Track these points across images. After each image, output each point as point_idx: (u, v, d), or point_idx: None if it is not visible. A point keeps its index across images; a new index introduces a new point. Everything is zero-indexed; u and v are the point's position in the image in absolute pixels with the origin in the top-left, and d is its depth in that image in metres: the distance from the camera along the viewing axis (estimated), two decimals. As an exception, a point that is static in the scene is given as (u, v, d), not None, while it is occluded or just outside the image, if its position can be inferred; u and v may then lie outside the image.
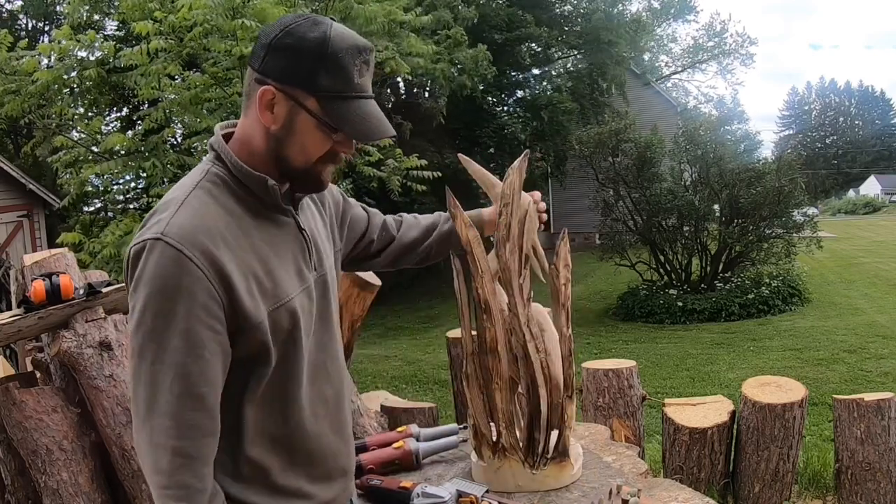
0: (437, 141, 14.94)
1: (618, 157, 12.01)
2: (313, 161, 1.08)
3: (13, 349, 4.65)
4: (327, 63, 1.02)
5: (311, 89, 1.03)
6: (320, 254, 1.20)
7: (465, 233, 1.52)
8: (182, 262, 0.96)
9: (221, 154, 1.09)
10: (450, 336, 3.40)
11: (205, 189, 1.05)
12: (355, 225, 1.43)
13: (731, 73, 35.70)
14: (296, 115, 1.04)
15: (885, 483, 2.89)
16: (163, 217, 1.00)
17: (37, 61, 6.38)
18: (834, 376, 6.84)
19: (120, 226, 6.29)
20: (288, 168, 1.08)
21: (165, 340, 0.96)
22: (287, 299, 1.08)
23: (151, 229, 0.99)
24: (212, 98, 6.56)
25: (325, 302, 1.19)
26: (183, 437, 0.97)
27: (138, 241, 1.00)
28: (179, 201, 1.02)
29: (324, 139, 1.06)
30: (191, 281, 0.96)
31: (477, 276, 1.56)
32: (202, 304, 0.97)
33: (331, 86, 1.03)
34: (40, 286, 2.19)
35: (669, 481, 1.76)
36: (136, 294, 0.98)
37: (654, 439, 3.96)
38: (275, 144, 1.07)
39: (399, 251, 1.52)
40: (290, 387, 1.11)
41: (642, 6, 27.02)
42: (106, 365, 2.18)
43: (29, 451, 2.11)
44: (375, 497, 1.66)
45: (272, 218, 1.11)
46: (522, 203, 1.56)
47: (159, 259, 0.96)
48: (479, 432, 1.66)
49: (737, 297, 10.68)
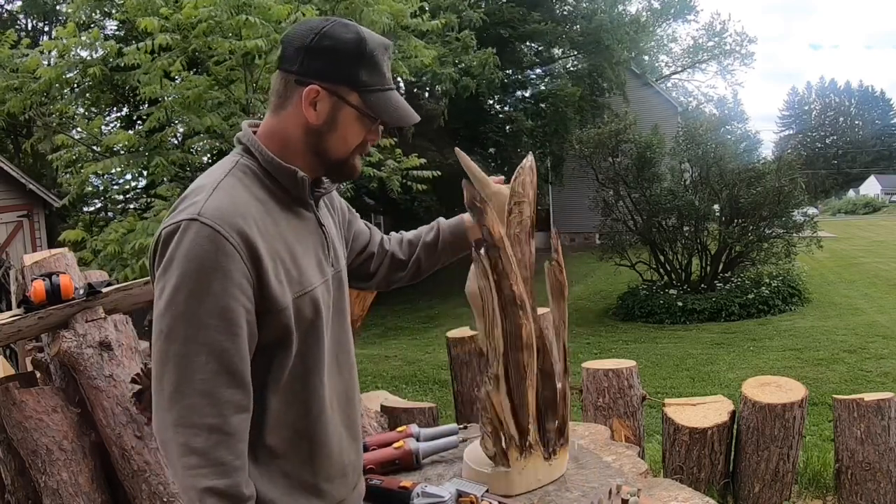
0: (438, 141, 14.95)
1: (618, 157, 12.02)
2: (351, 150, 1.17)
3: (13, 349, 4.65)
4: (365, 61, 1.12)
5: (353, 85, 1.12)
6: (336, 251, 1.25)
7: (496, 230, 1.50)
8: (219, 241, 0.99)
9: (251, 147, 1.14)
10: (450, 336, 3.40)
11: (236, 177, 1.09)
12: (359, 237, 1.48)
13: (731, 73, 35.73)
14: (339, 110, 1.12)
15: (885, 483, 2.89)
16: (197, 199, 1.03)
17: (39, 59, 6.38)
18: (834, 376, 6.84)
19: (123, 224, 6.29)
20: (328, 159, 1.16)
21: (200, 319, 0.97)
22: (311, 288, 1.12)
23: (186, 211, 1.01)
24: (211, 98, 6.56)
25: (340, 296, 1.23)
26: (220, 414, 0.98)
27: (171, 222, 1.01)
28: (214, 185, 1.06)
29: (361, 129, 1.15)
30: (227, 260, 0.99)
31: (510, 272, 1.53)
32: (237, 282, 1.00)
33: (369, 81, 1.12)
34: (40, 286, 2.19)
35: (669, 481, 1.76)
36: (168, 274, 0.99)
37: (654, 439, 3.96)
38: (315, 139, 1.14)
39: (390, 267, 1.54)
40: (312, 378, 1.13)
41: (642, 6, 27.07)
42: (106, 365, 2.18)
43: (29, 451, 2.11)
44: (375, 497, 1.66)
45: (296, 211, 1.16)
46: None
47: (195, 238, 0.98)
48: (508, 436, 1.60)
49: (737, 297, 10.69)
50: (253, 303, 1.02)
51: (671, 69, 33.95)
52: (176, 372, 0.98)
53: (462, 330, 3.44)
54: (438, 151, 13.93)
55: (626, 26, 18.41)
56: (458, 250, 1.59)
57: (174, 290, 0.98)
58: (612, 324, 11.20)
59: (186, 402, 0.97)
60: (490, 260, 1.51)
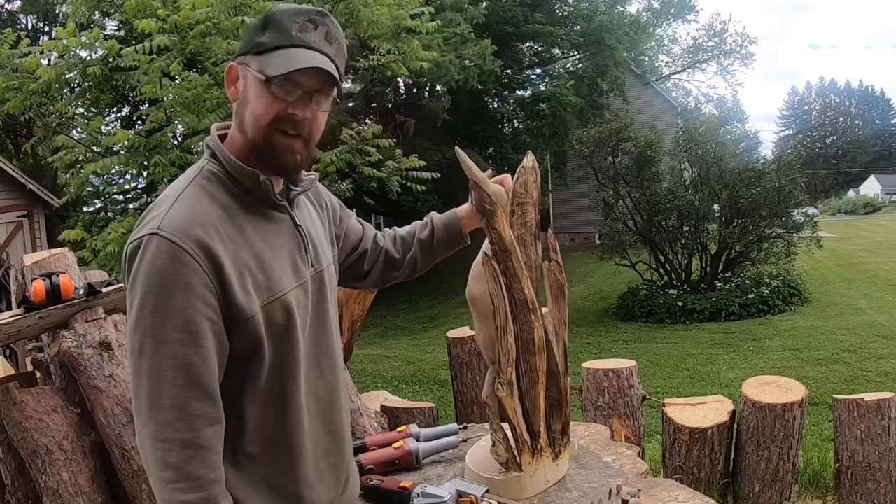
0: (438, 139, 14.97)
1: (618, 156, 12.02)
2: (264, 125, 1.07)
3: (13, 349, 4.65)
4: (266, 25, 1.08)
5: (252, 50, 1.09)
6: (317, 250, 1.21)
7: (507, 233, 1.48)
8: (178, 254, 0.98)
9: (216, 151, 1.11)
10: (450, 336, 3.39)
11: (199, 185, 1.08)
12: (351, 234, 1.44)
13: (730, 73, 35.69)
14: (246, 82, 1.09)
15: (885, 483, 2.89)
16: (158, 213, 1.02)
17: (38, 59, 6.39)
18: (834, 376, 6.84)
19: (123, 223, 6.29)
20: (250, 144, 1.09)
21: (165, 333, 0.97)
22: (281, 293, 1.09)
23: (147, 226, 1.01)
24: (211, 98, 6.56)
25: (321, 298, 1.19)
26: (191, 428, 0.98)
27: (134, 238, 1.01)
28: (174, 197, 1.04)
29: (268, 97, 1.06)
30: (188, 272, 0.98)
31: (521, 276, 1.51)
32: (199, 294, 0.99)
33: (267, 41, 1.07)
34: (40, 286, 2.19)
35: (669, 481, 1.75)
36: (134, 290, 0.99)
37: (654, 439, 3.96)
38: (239, 121, 1.11)
39: (385, 265, 1.51)
40: (288, 384, 1.11)
41: (642, 6, 27.05)
42: (106, 365, 2.18)
43: (29, 451, 2.11)
44: (375, 497, 1.66)
45: (266, 213, 1.12)
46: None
47: (156, 252, 0.98)
48: (521, 440, 1.59)
49: (737, 297, 10.69)
50: (219, 313, 1.01)
51: (671, 69, 33.95)
52: (148, 387, 0.98)
53: (462, 330, 3.44)
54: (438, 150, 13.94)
55: (626, 27, 18.41)
56: (453, 246, 1.55)
57: (140, 306, 0.98)
58: (612, 324, 11.20)
59: (160, 417, 0.97)
60: (500, 264, 1.49)
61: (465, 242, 1.56)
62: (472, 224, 1.54)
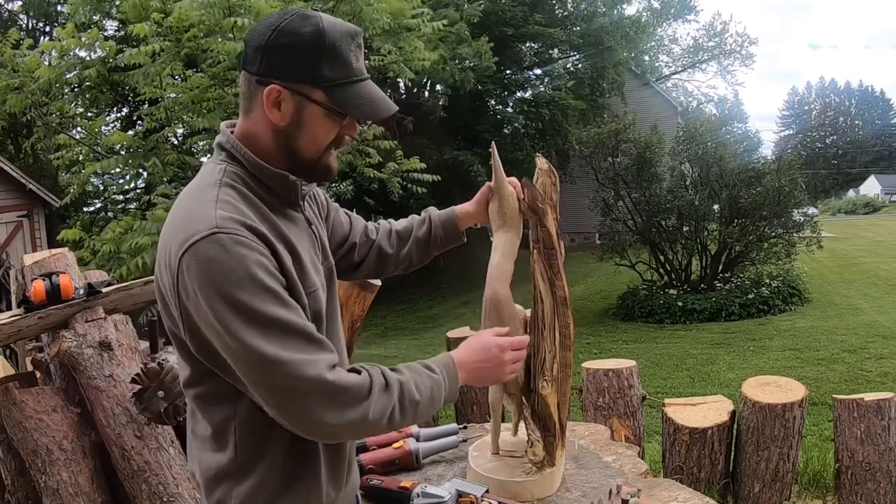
0: (437, 139, 14.97)
1: (618, 157, 12.01)
2: (323, 149, 1.12)
3: (13, 349, 4.65)
4: (327, 54, 1.05)
5: (315, 82, 1.06)
6: (325, 246, 1.24)
7: (554, 232, 1.53)
8: (244, 245, 0.98)
9: (236, 153, 1.10)
10: (450, 336, 3.39)
11: (230, 186, 1.07)
12: (338, 228, 1.45)
13: (730, 73, 35.73)
14: (304, 109, 1.08)
15: (885, 483, 2.89)
16: (207, 217, 1.00)
17: (38, 59, 6.40)
18: (834, 376, 6.84)
19: (121, 224, 6.29)
20: (299, 160, 1.11)
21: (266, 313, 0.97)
22: (313, 289, 1.11)
23: (197, 228, 0.98)
24: (211, 98, 6.57)
25: (332, 293, 1.22)
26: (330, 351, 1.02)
27: (188, 245, 0.97)
28: (214, 200, 1.03)
29: (332, 126, 1.10)
30: (257, 256, 0.99)
31: (562, 273, 1.55)
32: (272, 273, 1.00)
33: (333, 75, 1.06)
34: (40, 286, 2.19)
35: (669, 481, 1.76)
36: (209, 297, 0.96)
37: (654, 439, 3.96)
38: (284, 140, 1.10)
39: (378, 260, 1.52)
40: None
41: (642, 6, 27.06)
42: (106, 365, 2.18)
43: (29, 451, 2.11)
44: (375, 497, 1.66)
45: (287, 214, 1.14)
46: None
47: (217, 250, 0.96)
48: (556, 435, 1.60)
49: (737, 297, 10.69)
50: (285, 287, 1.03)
51: (671, 69, 33.96)
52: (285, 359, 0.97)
53: (462, 330, 3.44)
54: (437, 149, 13.95)
55: (626, 27, 18.41)
56: (450, 244, 1.56)
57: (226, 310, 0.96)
58: (612, 324, 11.20)
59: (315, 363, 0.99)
60: (548, 262, 1.53)
61: (462, 240, 1.57)
62: (469, 222, 1.56)
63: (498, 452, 1.72)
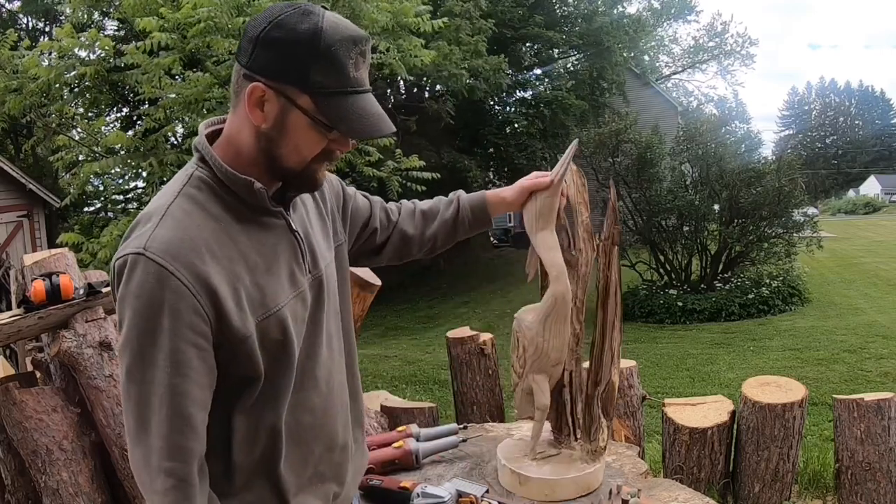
0: (437, 140, 14.94)
1: (618, 157, 12.02)
2: (308, 161, 1.03)
3: (13, 349, 4.65)
4: (320, 57, 0.95)
5: (303, 86, 0.97)
6: (314, 254, 1.15)
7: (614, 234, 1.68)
8: (165, 279, 0.92)
9: (205, 156, 1.03)
10: (450, 336, 3.39)
11: (188, 196, 1.00)
12: (357, 215, 1.37)
13: (731, 73, 35.75)
14: (288, 114, 0.98)
15: (885, 483, 2.89)
16: (145, 230, 0.96)
17: (37, 59, 6.39)
18: (834, 376, 6.84)
19: (119, 225, 6.28)
20: (281, 168, 1.03)
21: (152, 359, 0.93)
22: (276, 309, 1.04)
23: (133, 243, 0.95)
24: (212, 98, 6.56)
25: (317, 305, 1.14)
26: (174, 458, 0.95)
27: (121, 254, 0.96)
28: (161, 212, 0.98)
29: (318, 138, 1.00)
30: (175, 298, 0.92)
31: (614, 264, 1.67)
32: (187, 322, 0.93)
33: (324, 82, 0.96)
34: (40, 286, 2.19)
35: (669, 481, 1.76)
36: (123, 310, 0.95)
37: (654, 439, 3.96)
38: (266, 143, 1.01)
39: (401, 242, 1.45)
40: (281, 396, 1.08)
41: (642, 6, 27.07)
42: (106, 365, 2.18)
43: (29, 451, 2.11)
44: (375, 497, 1.66)
45: (260, 222, 1.05)
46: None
47: (143, 276, 0.92)
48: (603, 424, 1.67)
49: (737, 297, 10.69)
50: (209, 338, 0.96)
51: (671, 69, 33.97)
52: (136, 411, 0.95)
53: (462, 330, 3.43)
54: (436, 151, 13.93)
55: (626, 27, 18.42)
56: (476, 229, 1.50)
57: (128, 328, 0.94)
58: (612, 324, 11.18)
59: (149, 443, 0.95)
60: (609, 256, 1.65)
61: (490, 226, 1.55)
62: (501, 210, 1.52)
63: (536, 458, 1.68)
